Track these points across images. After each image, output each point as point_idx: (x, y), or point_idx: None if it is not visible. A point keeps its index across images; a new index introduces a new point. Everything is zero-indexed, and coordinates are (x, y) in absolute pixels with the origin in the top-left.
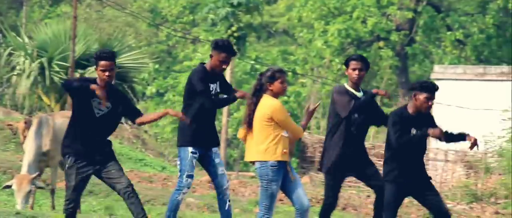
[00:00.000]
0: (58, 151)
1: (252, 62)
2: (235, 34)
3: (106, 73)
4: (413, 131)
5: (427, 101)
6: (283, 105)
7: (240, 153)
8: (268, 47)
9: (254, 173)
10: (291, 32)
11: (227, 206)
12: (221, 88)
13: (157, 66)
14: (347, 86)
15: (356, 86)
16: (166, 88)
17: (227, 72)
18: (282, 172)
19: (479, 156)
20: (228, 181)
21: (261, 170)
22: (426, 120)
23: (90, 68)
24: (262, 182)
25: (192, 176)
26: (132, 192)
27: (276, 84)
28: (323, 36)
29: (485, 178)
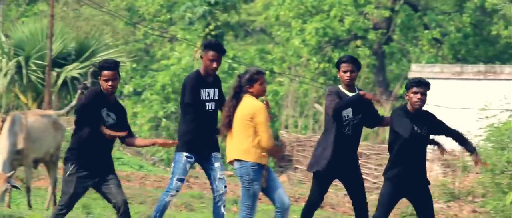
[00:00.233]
0: (31, 149)
1: (230, 61)
2: (213, 33)
3: (109, 83)
4: (415, 128)
5: (415, 95)
6: (262, 107)
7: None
8: (245, 46)
9: (231, 172)
10: (269, 31)
11: (221, 210)
12: (220, 95)
13: (134, 65)
14: (341, 87)
15: (349, 88)
16: (144, 87)
17: None
18: (261, 172)
19: (457, 154)
20: (225, 186)
21: (241, 170)
22: (426, 118)
23: (67, 66)
24: (243, 182)
25: (182, 180)
26: (125, 211)
27: (256, 86)
28: (300, 35)
29: (462, 176)
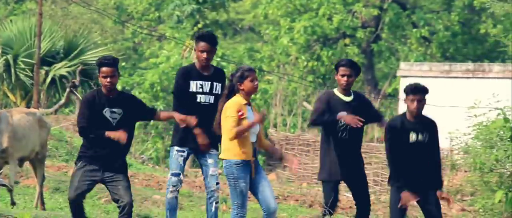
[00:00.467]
0: (16, 148)
1: (218, 59)
2: (201, 31)
3: (107, 80)
4: (412, 135)
5: (412, 103)
6: (237, 104)
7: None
8: (234, 45)
9: (220, 170)
10: (257, 29)
11: (213, 207)
12: (222, 90)
13: (123, 63)
14: (336, 91)
15: (345, 92)
16: (132, 85)
17: None
18: (248, 169)
19: (445, 153)
20: (217, 183)
21: (226, 168)
22: (427, 126)
23: (55, 65)
24: (229, 181)
25: (176, 175)
26: (128, 214)
27: (246, 83)
28: (289, 33)
29: (451, 175)
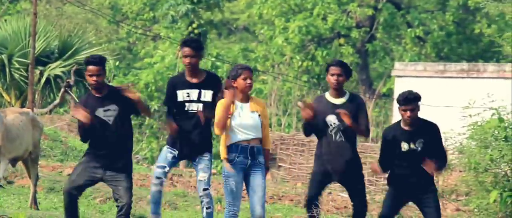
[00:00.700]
0: (7, 148)
1: (213, 59)
2: (196, 31)
3: (93, 78)
4: (404, 145)
5: (404, 113)
6: (219, 102)
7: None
8: (229, 44)
9: (215, 170)
10: (252, 29)
11: (204, 213)
12: (214, 98)
13: (117, 63)
14: (328, 94)
15: (336, 92)
16: (127, 85)
17: None
18: (239, 168)
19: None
20: (205, 189)
21: (222, 167)
22: (424, 131)
23: (50, 64)
24: (223, 178)
25: (161, 167)
26: (126, 214)
27: (239, 81)
28: (283, 33)
29: (446, 175)
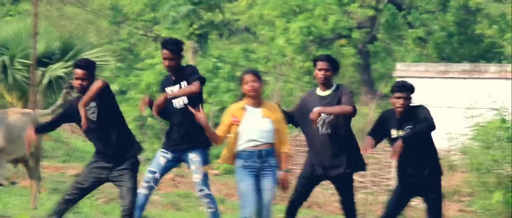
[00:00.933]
0: (9, 149)
1: (215, 60)
2: (197, 32)
3: (78, 82)
4: (394, 131)
5: (397, 100)
6: (231, 110)
7: None
8: (230, 45)
9: (217, 171)
10: (253, 30)
11: (206, 212)
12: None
13: (119, 64)
14: (317, 89)
15: (323, 86)
16: (129, 86)
17: None
18: (249, 173)
19: (443, 153)
20: (200, 190)
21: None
22: (413, 117)
23: (51, 66)
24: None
25: (152, 172)
26: (127, 215)
27: (243, 86)
28: (284, 34)
29: (448, 175)
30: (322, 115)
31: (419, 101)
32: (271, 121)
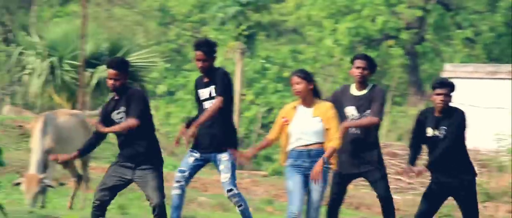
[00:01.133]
0: (58, 150)
1: (262, 61)
2: (244, 33)
3: (110, 82)
4: (429, 130)
5: (437, 97)
6: (284, 110)
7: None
8: (277, 46)
9: (266, 172)
10: (301, 30)
11: (238, 211)
12: (216, 91)
13: (167, 65)
14: (352, 86)
15: (359, 85)
16: (177, 87)
17: (237, 72)
18: (297, 172)
19: (492, 154)
20: (229, 190)
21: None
22: (450, 118)
23: (100, 67)
24: None
25: (181, 171)
26: (159, 213)
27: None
28: (332, 35)
29: (497, 176)
30: (355, 113)
31: (468, 102)
32: (321, 120)
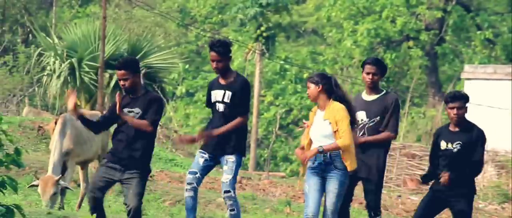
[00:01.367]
0: (77, 152)
1: (282, 62)
2: (264, 34)
3: (121, 82)
4: (443, 143)
5: (451, 111)
6: (310, 114)
7: (270, 153)
8: (297, 47)
9: (284, 173)
10: (320, 32)
11: (228, 214)
12: (233, 99)
13: (186, 66)
14: (363, 92)
15: (370, 90)
16: (196, 88)
17: (257, 73)
18: (314, 174)
19: (510, 156)
20: (226, 191)
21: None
22: (465, 135)
23: None
24: None
25: (192, 173)
26: (134, 216)
27: None
28: (352, 36)
29: None
30: (363, 119)
31: (487, 103)
32: (330, 123)
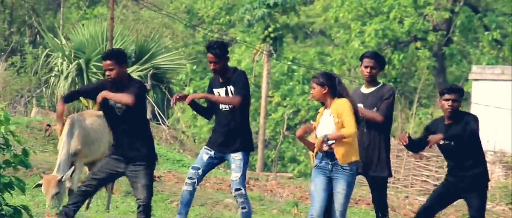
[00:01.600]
0: (85, 152)
1: (289, 63)
2: (272, 35)
3: (107, 73)
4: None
5: (445, 102)
6: (318, 114)
7: (278, 153)
8: (305, 48)
9: (291, 174)
10: (328, 32)
11: (240, 212)
12: (235, 90)
13: (194, 67)
14: (363, 87)
15: (368, 83)
16: (203, 89)
17: (264, 74)
18: (320, 173)
19: None
20: (237, 189)
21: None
22: (460, 124)
23: (127, 69)
24: None
25: (195, 168)
26: (143, 211)
27: None
28: (360, 37)
29: None
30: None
31: (494, 104)
32: (334, 116)
